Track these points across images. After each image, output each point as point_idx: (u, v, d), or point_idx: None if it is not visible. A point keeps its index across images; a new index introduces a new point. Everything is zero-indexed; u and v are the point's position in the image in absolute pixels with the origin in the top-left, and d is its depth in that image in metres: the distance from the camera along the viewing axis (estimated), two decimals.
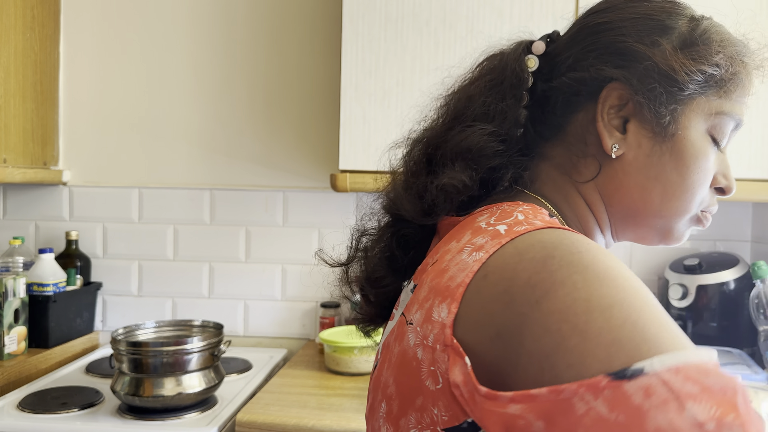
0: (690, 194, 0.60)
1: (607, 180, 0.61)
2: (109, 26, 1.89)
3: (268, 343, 1.87)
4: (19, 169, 1.66)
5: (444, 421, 0.49)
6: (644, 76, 0.58)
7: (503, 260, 0.49)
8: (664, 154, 0.59)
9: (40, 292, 1.65)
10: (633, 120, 0.59)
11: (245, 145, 1.86)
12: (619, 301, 0.42)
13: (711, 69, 0.58)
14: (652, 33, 0.59)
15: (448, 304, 0.50)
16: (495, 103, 0.61)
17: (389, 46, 1.47)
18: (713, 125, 0.60)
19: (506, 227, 0.53)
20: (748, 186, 1.40)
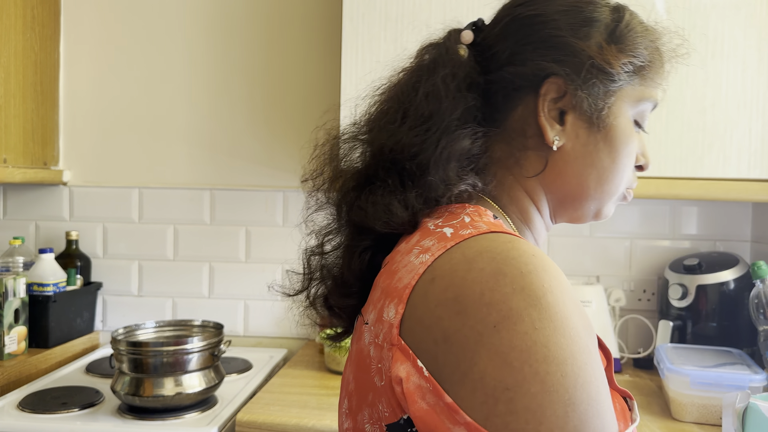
0: (620, 177, 0.64)
1: (547, 170, 0.63)
2: (109, 26, 1.89)
3: (268, 343, 1.87)
4: (19, 169, 1.66)
5: (386, 417, 0.51)
6: (582, 70, 0.60)
7: (451, 266, 0.51)
8: (599, 142, 0.62)
9: (41, 292, 1.65)
10: (570, 112, 0.62)
11: (245, 145, 1.86)
12: (569, 356, 0.46)
13: (636, 59, 0.62)
14: (582, 26, 0.61)
15: (396, 304, 0.52)
16: (463, 101, 0.61)
17: (389, 46, 1.47)
18: (637, 110, 0.64)
19: (452, 230, 0.54)
20: (748, 186, 1.40)
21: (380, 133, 0.64)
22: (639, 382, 1.56)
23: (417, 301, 0.51)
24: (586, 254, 1.78)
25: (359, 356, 0.56)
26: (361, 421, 0.55)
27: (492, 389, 0.45)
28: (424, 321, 0.50)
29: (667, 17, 1.40)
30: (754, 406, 1.01)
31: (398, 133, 0.61)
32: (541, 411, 0.44)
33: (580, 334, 0.48)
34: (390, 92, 0.67)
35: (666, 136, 1.42)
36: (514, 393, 0.45)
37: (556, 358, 0.45)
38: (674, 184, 1.42)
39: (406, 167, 0.60)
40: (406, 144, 0.60)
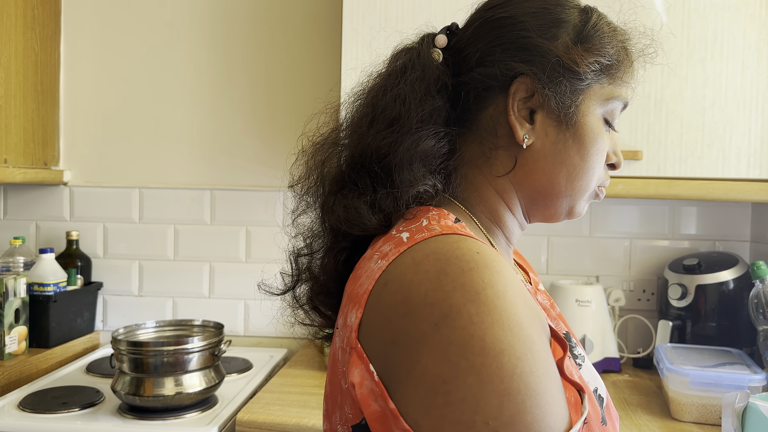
0: (590, 174, 0.65)
1: (517, 168, 0.64)
2: (109, 26, 1.89)
3: (269, 343, 1.87)
4: (19, 169, 1.66)
5: (350, 419, 0.53)
6: (550, 70, 0.61)
7: (401, 269, 0.52)
8: (568, 140, 0.63)
9: (41, 291, 1.65)
10: (539, 111, 0.63)
11: (246, 145, 1.86)
12: (507, 347, 0.47)
13: (603, 59, 0.63)
14: (551, 27, 0.63)
15: (356, 310, 0.54)
16: (430, 102, 0.62)
17: (389, 46, 1.47)
18: (607, 109, 0.65)
19: (408, 234, 0.56)
20: (748, 186, 1.40)
21: (352, 138, 0.66)
22: (638, 382, 1.56)
23: (372, 306, 0.52)
24: (585, 254, 1.79)
25: (332, 360, 0.58)
26: (335, 423, 0.57)
27: (431, 383, 0.47)
28: (377, 324, 0.51)
29: (666, 18, 1.40)
30: (754, 406, 1.02)
31: (367, 137, 0.63)
32: (476, 401, 0.45)
33: (521, 326, 0.48)
34: (365, 97, 0.69)
35: (665, 136, 1.42)
36: (450, 385, 0.46)
37: (492, 349, 0.46)
38: (674, 184, 1.42)
39: (375, 170, 0.61)
40: (373, 147, 0.62)
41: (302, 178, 0.70)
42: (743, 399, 1.04)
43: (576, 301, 1.59)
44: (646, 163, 1.42)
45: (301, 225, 0.71)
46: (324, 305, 0.70)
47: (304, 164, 0.70)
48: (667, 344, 1.50)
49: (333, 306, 0.69)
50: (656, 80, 1.42)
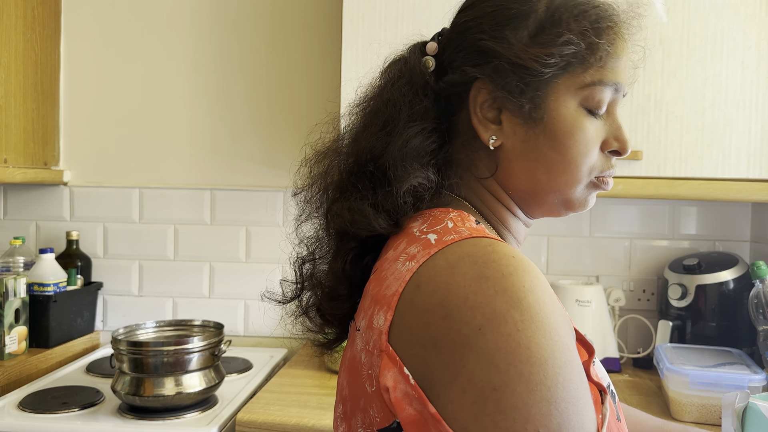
0: (574, 167, 0.62)
1: (499, 170, 0.64)
2: (109, 26, 1.89)
3: (269, 343, 1.87)
4: (19, 169, 1.66)
5: (377, 423, 0.53)
6: (499, 72, 0.61)
7: (435, 272, 0.52)
8: (539, 137, 0.62)
9: (41, 292, 1.65)
10: (504, 111, 0.63)
11: (246, 145, 1.86)
12: (550, 355, 0.48)
13: (565, 49, 0.60)
14: (506, 25, 0.62)
15: (385, 312, 0.54)
16: (417, 104, 0.64)
17: (389, 46, 1.47)
18: (584, 98, 0.61)
19: (436, 236, 0.56)
20: (748, 186, 1.40)
21: (350, 145, 0.68)
22: (638, 381, 1.56)
23: (404, 308, 0.52)
24: (585, 254, 1.79)
25: (352, 362, 0.58)
26: (355, 426, 0.56)
27: (481, 390, 0.47)
28: (411, 327, 0.51)
29: (666, 18, 1.40)
30: (754, 406, 1.02)
31: (362, 140, 0.65)
32: (527, 410, 0.46)
33: (559, 333, 0.49)
34: (361, 105, 0.70)
35: (665, 136, 1.42)
36: (501, 393, 0.47)
37: (538, 358, 0.47)
38: (674, 184, 1.42)
39: (371, 171, 0.63)
40: (368, 149, 0.64)
41: (306, 186, 0.71)
42: (743, 399, 1.04)
43: (576, 301, 1.60)
44: (646, 163, 1.42)
45: (304, 233, 0.73)
46: (334, 309, 0.70)
47: (308, 173, 0.71)
48: (667, 344, 1.50)
49: (344, 309, 0.69)
50: (656, 80, 1.42)
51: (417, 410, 0.50)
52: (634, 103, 1.43)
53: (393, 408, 0.51)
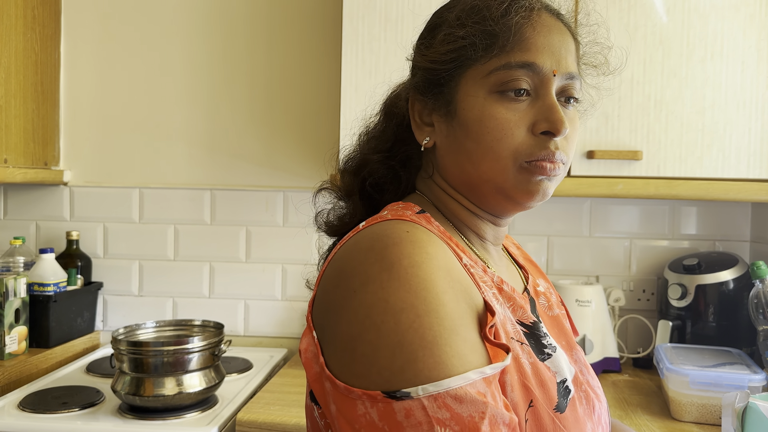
0: (492, 153, 0.63)
1: (440, 168, 0.70)
2: (109, 26, 1.89)
3: (269, 343, 1.87)
4: (19, 169, 1.67)
5: (308, 384, 0.62)
6: (416, 79, 0.69)
7: (344, 249, 0.59)
8: (456, 130, 0.66)
9: (41, 291, 1.65)
10: (433, 113, 0.68)
11: (245, 145, 1.86)
12: (409, 306, 0.52)
13: (454, 45, 0.64)
14: (421, 39, 0.71)
15: (314, 289, 0.61)
16: (386, 128, 0.76)
17: (389, 47, 1.48)
18: (492, 84, 0.63)
19: (365, 223, 0.62)
20: (748, 186, 1.40)
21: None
22: (638, 382, 1.56)
23: (321, 285, 0.60)
24: (585, 254, 1.79)
25: None
26: (307, 397, 0.65)
27: (342, 342, 0.53)
28: (320, 298, 0.59)
29: (666, 18, 1.40)
30: (754, 406, 1.02)
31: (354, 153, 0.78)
32: (373, 355, 0.51)
33: (429, 290, 0.53)
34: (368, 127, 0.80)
35: (665, 136, 1.42)
36: (356, 342, 0.52)
37: (393, 308, 0.52)
38: (673, 184, 1.42)
39: (351, 175, 0.76)
40: (351, 157, 0.76)
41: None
42: (743, 399, 1.04)
43: (576, 301, 1.60)
44: (646, 163, 1.42)
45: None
46: None
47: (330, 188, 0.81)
48: (667, 344, 1.50)
49: None
50: (656, 80, 1.42)
51: (318, 366, 0.55)
52: (634, 103, 1.43)
53: (305, 369, 0.57)
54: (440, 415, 0.48)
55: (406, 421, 0.49)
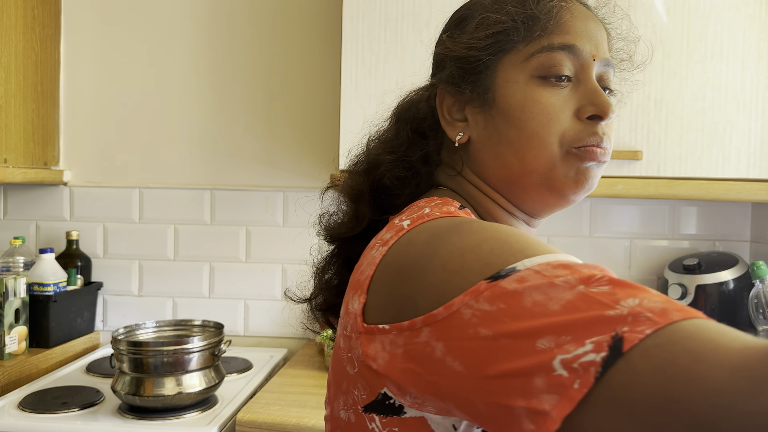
0: (537, 140, 0.61)
1: (475, 165, 0.66)
2: (109, 26, 1.89)
3: (269, 343, 1.87)
4: (19, 169, 1.66)
5: (363, 400, 0.54)
6: (446, 71, 0.66)
7: (397, 249, 0.55)
8: (496, 119, 0.63)
9: (41, 291, 1.65)
10: (466, 107, 0.65)
11: (245, 145, 1.86)
12: (488, 238, 0.48)
13: (493, 29, 0.62)
14: (447, 31, 0.68)
15: (359, 296, 0.55)
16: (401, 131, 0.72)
17: (389, 47, 1.48)
18: (533, 68, 0.61)
19: (410, 222, 0.58)
20: (748, 186, 1.40)
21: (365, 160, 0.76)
22: None
23: (376, 289, 0.54)
24: (585, 254, 1.78)
25: (335, 348, 0.60)
26: (337, 408, 0.58)
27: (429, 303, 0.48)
28: (382, 304, 0.53)
29: (666, 18, 1.40)
30: None
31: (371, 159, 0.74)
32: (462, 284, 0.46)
33: (507, 227, 0.50)
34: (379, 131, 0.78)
35: (665, 136, 1.42)
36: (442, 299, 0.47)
37: (470, 247, 0.48)
38: (673, 184, 1.42)
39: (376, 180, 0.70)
40: (360, 159, 0.73)
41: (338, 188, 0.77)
42: None
43: None
44: (646, 163, 1.42)
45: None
46: (335, 317, 0.73)
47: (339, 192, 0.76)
48: None
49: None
50: (656, 80, 1.42)
51: (402, 343, 0.49)
52: (634, 103, 1.42)
53: (383, 372, 0.50)
54: (558, 272, 0.42)
55: (521, 285, 0.42)
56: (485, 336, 0.42)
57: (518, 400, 0.39)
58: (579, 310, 0.39)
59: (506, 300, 0.42)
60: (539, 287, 0.42)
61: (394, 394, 0.51)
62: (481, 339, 0.42)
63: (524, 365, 0.39)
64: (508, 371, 0.40)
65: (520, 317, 0.41)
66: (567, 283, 0.41)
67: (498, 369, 0.41)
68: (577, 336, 0.38)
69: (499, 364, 0.41)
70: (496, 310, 0.42)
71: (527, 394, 0.39)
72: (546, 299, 0.41)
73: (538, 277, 0.42)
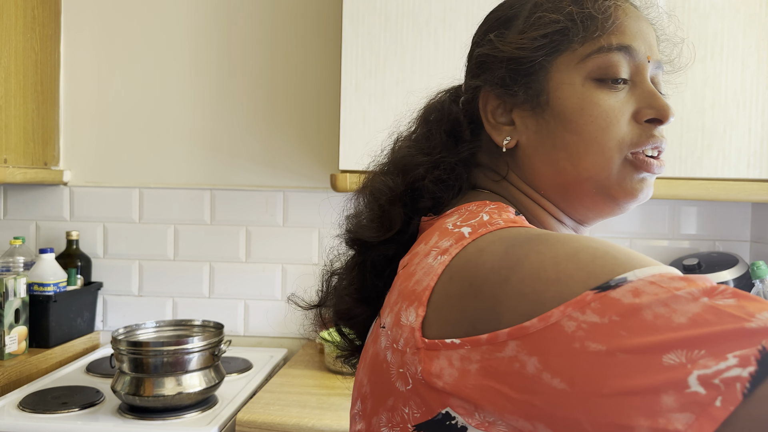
0: (596, 145, 0.58)
1: (523, 170, 0.63)
2: (109, 26, 1.89)
3: (269, 343, 1.87)
4: (19, 169, 1.66)
5: (415, 418, 0.50)
6: (494, 72, 0.62)
7: (465, 259, 0.50)
8: (549, 123, 0.60)
9: (41, 291, 1.65)
10: (514, 109, 0.62)
11: (245, 145, 1.86)
12: (584, 247, 0.44)
13: (548, 28, 0.59)
14: (494, 30, 0.63)
15: (416, 308, 0.51)
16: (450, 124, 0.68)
17: (389, 46, 1.48)
18: (590, 70, 0.59)
19: (470, 229, 0.54)
20: (748, 186, 1.40)
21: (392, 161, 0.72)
22: None
23: (439, 302, 0.50)
24: None
25: (375, 360, 0.56)
26: (377, 424, 0.55)
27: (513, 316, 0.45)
28: (449, 319, 0.49)
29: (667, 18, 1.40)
30: None
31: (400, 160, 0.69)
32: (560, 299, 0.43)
33: (597, 238, 0.47)
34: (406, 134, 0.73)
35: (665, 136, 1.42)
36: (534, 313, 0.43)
37: (566, 255, 0.45)
38: (673, 184, 1.42)
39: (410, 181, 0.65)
40: (391, 161, 0.69)
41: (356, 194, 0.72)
42: None
43: None
44: None
45: (340, 248, 0.71)
46: (350, 328, 0.69)
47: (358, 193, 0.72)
48: None
49: (354, 326, 0.69)
50: None
51: (476, 370, 0.45)
52: None
53: (450, 391, 0.47)
54: (676, 284, 0.39)
55: (639, 299, 0.39)
56: (596, 351, 0.39)
57: (640, 420, 0.36)
58: (710, 324, 0.36)
59: (621, 312, 0.39)
60: (659, 299, 0.39)
61: (460, 413, 0.47)
62: (591, 354, 0.39)
63: (649, 382, 0.36)
64: (628, 389, 0.37)
65: (640, 331, 0.38)
66: (690, 295, 0.38)
67: (615, 386, 0.37)
68: (714, 350, 0.35)
69: (616, 381, 0.37)
70: (608, 323, 0.39)
71: (652, 413, 0.36)
72: (669, 312, 0.38)
73: (655, 288, 0.39)
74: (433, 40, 1.46)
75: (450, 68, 0.77)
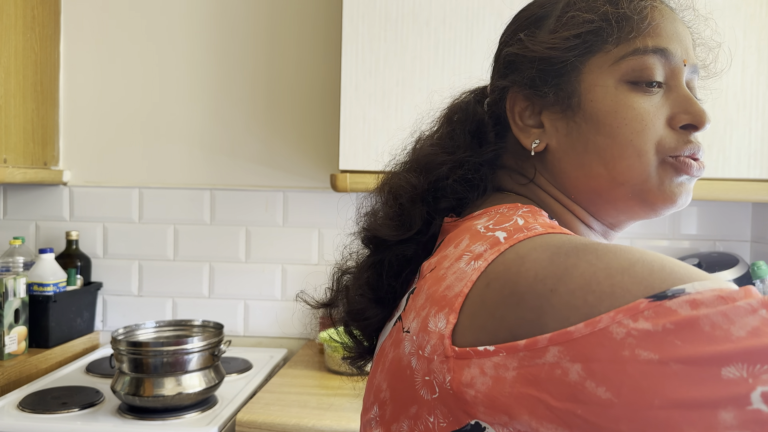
0: (631, 148, 0.56)
1: (552, 174, 0.61)
2: (109, 26, 1.89)
3: (268, 343, 1.87)
4: (19, 169, 1.66)
5: (441, 428, 0.48)
6: (523, 73, 0.60)
7: (505, 266, 0.48)
8: (581, 125, 0.58)
9: (41, 292, 1.65)
10: (543, 111, 0.60)
11: (245, 145, 1.86)
12: (638, 260, 0.42)
13: (581, 28, 0.57)
14: (524, 30, 0.61)
15: (446, 314, 0.49)
16: (475, 126, 0.66)
17: (389, 46, 1.48)
18: (623, 72, 0.57)
19: (506, 234, 0.52)
20: (748, 186, 1.40)
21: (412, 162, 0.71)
22: None
23: (474, 310, 0.48)
24: None
25: (397, 365, 0.53)
26: (397, 431, 0.53)
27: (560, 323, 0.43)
28: (486, 327, 0.46)
29: None
30: None
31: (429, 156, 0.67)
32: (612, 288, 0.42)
33: (647, 250, 0.45)
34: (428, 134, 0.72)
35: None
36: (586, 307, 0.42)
37: (620, 268, 0.43)
38: None
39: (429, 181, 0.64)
40: (412, 159, 0.67)
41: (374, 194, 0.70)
42: None
43: None
44: None
45: (353, 246, 0.69)
46: (362, 330, 0.67)
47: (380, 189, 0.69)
48: None
49: (365, 327, 0.67)
50: None
51: (512, 377, 0.43)
52: None
53: (482, 400, 0.45)
54: (736, 295, 0.37)
55: (696, 311, 0.37)
56: (648, 360, 0.36)
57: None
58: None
59: (676, 321, 0.37)
60: (718, 311, 0.37)
61: (490, 423, 0.45)
62: (642, 363, 0.36)
63: (706, 396, 0.34)
64: (681, 402, 0.35)
65: (696, 341, 0.36)
66: (750, 306, 0.36)
67: (668, 398, 0.35)
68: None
69: (669, 393, 0.35)
70: (662, 331, 0.37)
71: (707, 429, 0.34)
72: (728, 323, 0.36)
73: (713, 300, 0.37)
74: (433, 40, 1.46)
75: (450, 68, 0.76)
